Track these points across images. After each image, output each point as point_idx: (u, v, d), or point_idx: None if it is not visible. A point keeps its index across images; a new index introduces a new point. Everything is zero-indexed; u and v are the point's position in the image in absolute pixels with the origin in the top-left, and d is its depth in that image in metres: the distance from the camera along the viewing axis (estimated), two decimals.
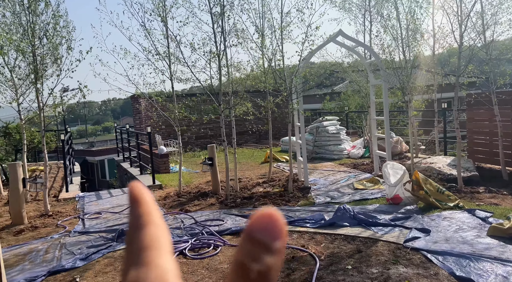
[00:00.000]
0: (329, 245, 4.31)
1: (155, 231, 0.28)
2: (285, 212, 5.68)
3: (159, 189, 8.94)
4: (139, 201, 0.29)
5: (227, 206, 6.60)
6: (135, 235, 0.27)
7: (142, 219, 0.28)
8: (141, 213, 0.28)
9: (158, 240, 0.27)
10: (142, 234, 0.27)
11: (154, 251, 0.26)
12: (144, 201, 0.29)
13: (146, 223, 0.28)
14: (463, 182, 7.50)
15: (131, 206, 0.29)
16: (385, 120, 8.35)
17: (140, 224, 0.28)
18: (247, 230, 0.25)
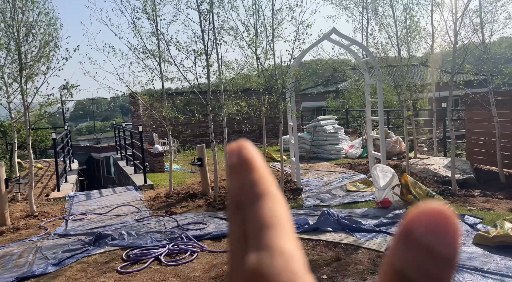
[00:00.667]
0: (310, 252, 4.16)
1: (273, 204, 0.22)
2: None
3: (150, 189, 8.84)
4: (250, 164, 0.23)
5: (214, 208, 6.47)
6: (251, 209, 0.22)
7: (257, 189, 0.22)
8: (255, 181, 0.23)
9: (278, 216, 0.22)
10: (259, 208, 0.22)
11: (275, 231, 0.21)
12: (256, 164, 0.23)
13: (262, 194, 0.22)
14: (458, 184, 7.29)
15: (238, 171, 0.23)
16: (379, 120, 8.16)
17: (255, 195, 0.22)
18: (405, 229, 0.19)
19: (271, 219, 0.22)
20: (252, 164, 0.23)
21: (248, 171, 0.23)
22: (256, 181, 0.23)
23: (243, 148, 0.24)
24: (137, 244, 4.58)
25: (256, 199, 0.22)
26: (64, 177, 10.71)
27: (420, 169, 8.46)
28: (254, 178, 0.23)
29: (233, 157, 0.24)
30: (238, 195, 0.23)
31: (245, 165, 0.23)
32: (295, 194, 7.43)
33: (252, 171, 0.23)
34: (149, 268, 3.93)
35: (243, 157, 0.23)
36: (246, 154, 0.24)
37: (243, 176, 0.23)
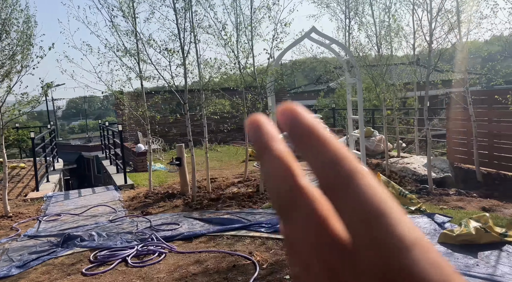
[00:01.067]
0: (278, 251, 4.15)
1: (371, 184, 0.19)
2: (245, 215, 5.52)
3: (130, 188, 8.77)
4: (317, 136, 0.20)
5: (191, 208, 6.43)
6: (345, 194, 0.19)
7: (343, 167, 0.19)
8: (337, 156, 0.20)
9: (385, 199, 0.19)
10: (359, 191, 0.18)
11: (391, 219, 0.18)
12: (324, 135, 0.20)
13: (352, 173, 0.19)
14: (436, 183, 7.35)
15: (306, 147, 0.20)
16: (359, 119, 8.19)
17: (345, 175, 0.19)
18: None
19: (380, 204, 0.18)
20: (320, 136, 0.20)
21: (320, 145, 0.19)
22: (336, 157, 0.19)
23: (294, 113, 0.20)
24: (106, 245, 4.53)
25: (348, 181, 0.18)
26: (45, 177, 10.57)
27: (400, 168, 8.51)
28: (333, 154, 0.19)
29: (293, 127, 0.20)
30: (323, 178, 0.19)
31: (312, 137, 0.19)
32: None
33: (326, 144, 0.19)
34: (114, 270, 3.88)
35: (306, 127, 0.20)
36: (304, 121, 0.20)
37: (317, 152, 0.19)
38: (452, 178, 7.46)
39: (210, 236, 4.74)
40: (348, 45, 9.05)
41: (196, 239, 4.69)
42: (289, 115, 0.20)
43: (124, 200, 7.50)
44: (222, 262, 3.85)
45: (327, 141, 0.19)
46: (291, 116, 0.20)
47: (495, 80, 7.22)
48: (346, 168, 0.19)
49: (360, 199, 0.18)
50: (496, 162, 7.95)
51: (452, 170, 8.01)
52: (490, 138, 8.24)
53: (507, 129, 7.42)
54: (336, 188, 0.19)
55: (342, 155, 0.19)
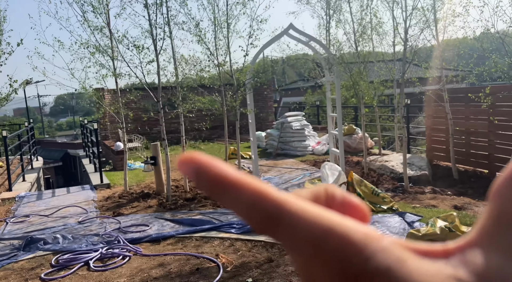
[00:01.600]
0: (246, 253, 4.08)
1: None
2: (218, 215, 5.43)
3: (106, 188, 8.60)
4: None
5: (165, 209, 6.32)
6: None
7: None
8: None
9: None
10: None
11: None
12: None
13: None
14: (412, 181, 7.37)
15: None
16: (337, 116, 8.15)
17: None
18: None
19: (321, 223, 0.18)
20: (232, 180, 0.19)
21: (237, 189, 0.19)
22: (257, 195, 0.19)
23: (196, 163, 0.19)
24: (71, 248, 4.40)
25: (278, 216, 0.19)
26: (22, 176, 10.32)
27: (378, 166, 8.51)
28: (252, 193, 0.19)
29: (200, 178, 0.19)
30: (252, 221, 0.19)
31: (224, 183, 0.19)
32: None
33: (241, 186, 0.19)
34: (75, 274, 3.76)
35: (214, 175, 0.19)
36: (210, 170, 0.19)
37: (236, 198, 0.19)
38: (428, 176, 7.48)
39: (179, 237, 4.65)
40: (328, 43, 9.01)
41: (164, 241, 4.58)
42: (192, 167, 0.19)
43: (98, 200, 7.35)
44: (186, 265, 3.76)
45: (242, 183, 0.19)
46: (195, 167, 0.19)
47: (484, 77, 7.26)
48: (272, 204, 0.18)
49: (298, 229, 0.18)
50: (473, 160, 8.01)
51: (430, 168, 8.04)
52: (467, 136, 8.29)
53: (482, 126, 7.46)
54: (269, 227, 0.19)
55: (263, 192, 0.19)
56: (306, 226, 0.18)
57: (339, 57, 7.34)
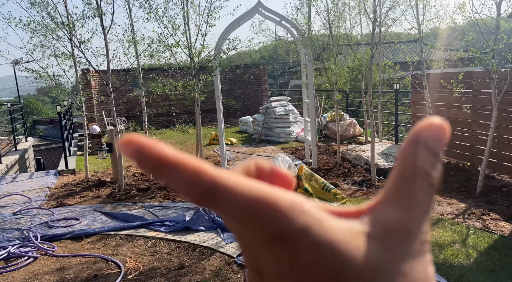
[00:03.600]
0: (163, 256, 3.70)
1: None
2: (159, 209, 5.06)
3: (71, 174, 8.30)
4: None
5: (114, 199, 5.97)
6: None
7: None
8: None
9: None
10: None
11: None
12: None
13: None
14: (385, 173, 6.87)
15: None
16: (310, 102, 7.62)
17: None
18: (416, 135, 0.23)
19: (250, 194, 0.20)
20: (171, 159, 0.20)
21: (176, 168, 0.20)
22: (195, 173, 0.20)
23: (137, 144, 0.20)
24: None
25: (214, 190, 0.20)
26: None
27: (353, 156, 8.01)
28: (191, 172, 0.20)
29: (141, 160, 0.20)
30: (193, 197, 0.20)
31: (164, 163, 0.20)
32: None
33: (180, 165, 0.20)
34: None
35: (154, 155, 0.20)
36: (150, 150, 0.20)
37: (176, 176, 0.20)
38: None
39: (103, 234, 4.29)
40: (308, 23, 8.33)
41: (87, 238, 4.23)
42: (133, 148, 0.20)
43: (54, 187, 7.04)
44: (86, 271, 3.39)
45: (181, 162, 0.20)
46: (136, 148, 0.20)
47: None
48: (209, 179, 0.20)
49: (231, 200, 0.20)
50: (456, 151, 7.46)
51: None
52: (452, 125, 7.71)
53: (465, 115, 6.87)
54: (208, 201, 0.20)
55: (201, 169, 0.20)
56: (238, 197, 0.20)
57: (309, 38, 6.75)
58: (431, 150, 0.23)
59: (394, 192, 0.22)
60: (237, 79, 18.57)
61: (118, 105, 15.67)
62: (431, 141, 0.23)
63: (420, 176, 0.22)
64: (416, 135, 0.23)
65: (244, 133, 13.68)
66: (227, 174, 0.20)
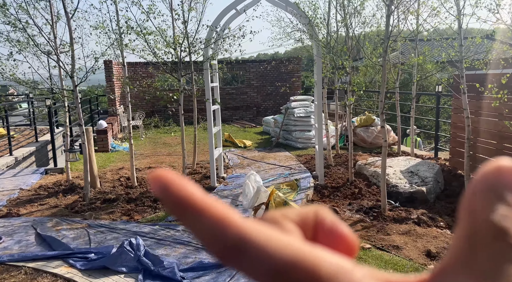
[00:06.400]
0: None
1: None
2: (99, 233, 4.15)
3: (59, 173, 7.72)
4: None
5: (71, 211, 5.19)
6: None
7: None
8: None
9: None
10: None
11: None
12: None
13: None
14: (404, 198, 5.47)
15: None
16: (317, 104, 6.37)
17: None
18: (485, 184, 0.18)
19: (283, 256, 0.17)
20: (196, 203, 0.18)
21: (199, 214, 0.18)
22: (218, 224, 0.18)
23: (165, 181, 0.18)
24: None
25: (239, 248, 0.17)
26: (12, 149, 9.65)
27: (371, 172, 6.62)
28: (214, 221, 0.18)
29: (166, 198, 0.18)
30: (214, 251, 0.18)
31: (187, 205, 0.18)
32: None
33: (204, 211, 0.18)
34: None
35: (179, 196, 0.18)
36: (176, 190, 0.18)
37: (197, 223, 0.18)
38: (424, 194, 5.49)
39: (9, 265, 3.44)
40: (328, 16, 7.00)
41: None
42: (159, 185, 0.18)
43: (27, 189, 6.44)
44: None
45: (206, 207, 0.18)
46: (162, 186, 0.18)
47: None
48: (235, 233, 0.17)
49: (260, 260, 0.17)
50: None
51: (439, 181, 6.02)
52: (499, 140, 6.11)
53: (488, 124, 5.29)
54: (232, 258, 0.17)
55: (227, 219, 0.18)
56: (269, 257, 0.17)
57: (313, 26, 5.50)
58: (507, 202, 0.18)
59: (463, 257, 0.17)
60: (269, 74, 17.36)
61: (144, 99, 15.19)
62: (505, 190, 0.18)
63: (498, 236, 0.17)
64: (485, 183, 0.18)
65: (266, 135, 12.58)
66: (258, 227, 0.17)
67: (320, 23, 5.93)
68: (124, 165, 8.18)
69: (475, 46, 4.87)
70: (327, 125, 8.48)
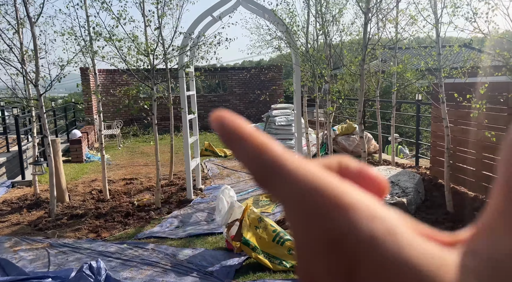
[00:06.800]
0: None
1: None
2: (61, 253, 3.85)
3: (27, 186, 7.32)
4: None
5: (34, 228, 4.85)
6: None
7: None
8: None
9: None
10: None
11: None
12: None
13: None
14: None
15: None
16: (296, 111, 6.23)
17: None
18: None
19: (307, 181, 0.19)
20: (243, 132, 0.20)
21: (244, 141, 0.20)
22: (259, 148, 0.20)
23: (221, 117, 0.21)
24: None
25: (273, 169, 0.19)
26: None
27: None
28: (256, 146, 0.20)
29: (221, 130, 0.21)
30: (252, 171, 0.20)
31: (235, 134, 0.20)
32: (176, 206, 5.71)
33: (248, 139, 0.20)
34: None
35: (230, 127, 0.21)
36: (228, 122, 0.21)
37: (242, 148, 0.20)
38: (410, 204, 5.38)
39: None
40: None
41: None
42: (218, 120, 0.21)
43: None
44: None
45: (251, 136, 0.20)
46: (219, 121, 0.21)
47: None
48: (270, 157, 0.19)
49: (287, 182, 0.18)
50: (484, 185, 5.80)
51: (419, 191, 5.92)
52: (479, 149, 6.06)
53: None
54: (263, 178, 0.19)
55: (266, 145, 0.20)
56: (297, 181, 0.18)
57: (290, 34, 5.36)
58: None
59: (502, 214, 0.16)
60: (251, 82, 17.18)
61: (125, 106, 14.76)
62: None
63: None
64: None
65: None
66: (292, 156, 0.19)
67: (299, 31, 5.79)
68: (98, 176, 7.83)
69: (453, 55, 4.81)
70: (307, 133, 8.34)
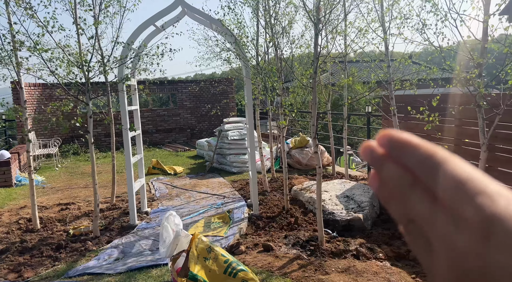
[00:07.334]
0: None
1: (457, 164, 0.27)
2: None
3: None
4: (408, 144, 0.29)
5: None
6: (439, 173, 0.27)
7: (434, 158, 0.27)
8: (427, 153, 0.28)
9: (470, 171, 0.27)
10: (448, 169, 0.27)
11: (477, 182, 0.26)
12: (415, 143, 0.28)
13: (442, 160, 0.27)
14: (341, 227, 5.14)
15: (402, 152, 0.28)
16: (248, 125, 5.95)
17: (435, 162, 0.27)
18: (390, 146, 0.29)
19: (464, 174, 0.25)
20: (413, 143, 0.27)
21: (414, 148, 0.27)
22: (428, 152, 0.27)
23: (389, 134, 0.29)
24: None
25: (440, 165, 0.26)
26: None
27: (307, 198, 6.26)
28: (425, 151, 0.27)
29: (392, 144, 0.28)
30: (420, 168, 0.26)
31: (407, 144, 0.27)
32: (118, 233, 5.12)
33: (418, 147, 0.27)
34: None
35: (401, 140, 0.28)
36: (399, 136, 0.28)
37: (413, 153, 0.27)
38: (366, 220, 5.23)
39: None
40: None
41: None
42: (386, 137, 0.28)
43: None
44: None
45: (420, 144, 0.27)
46: (388, 137, 0.28)
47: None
48: (438, 158, 0.26)
49: (450, 174, 0.25)
50: None
51: (374, 205, 5.81)
52: None
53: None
54: (432, 173, 0.26)
55: (432, 151, 0.26)
56: (450, 174, 0.25)
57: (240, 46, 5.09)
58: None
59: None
60: (203, 95, 16.76)
61: (53, 125, 13.67)
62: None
63: None
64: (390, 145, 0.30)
65: (200, 158, 11.87)
66: (454, 157, 0.26)
67: (248, 43, 5.54)
68: (28, 203, 6.99)
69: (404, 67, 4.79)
70: (261, 148, 8.07)
